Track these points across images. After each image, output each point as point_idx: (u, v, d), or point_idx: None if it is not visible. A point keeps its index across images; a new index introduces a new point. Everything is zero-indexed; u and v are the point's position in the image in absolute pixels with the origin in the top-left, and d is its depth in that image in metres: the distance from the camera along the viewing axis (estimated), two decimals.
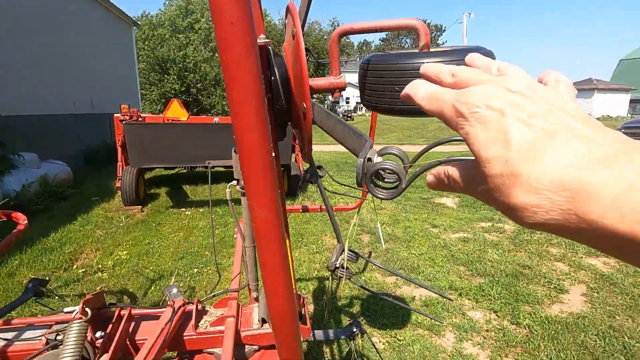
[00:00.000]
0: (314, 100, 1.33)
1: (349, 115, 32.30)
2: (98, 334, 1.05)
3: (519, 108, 0.25)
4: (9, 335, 1.06)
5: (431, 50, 1.00)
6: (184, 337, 1.17)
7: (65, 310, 1.11)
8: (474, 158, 0.27)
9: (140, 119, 5.71)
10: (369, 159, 0.69)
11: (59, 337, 1.00)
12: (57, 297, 3.07)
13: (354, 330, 1.83)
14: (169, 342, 1.09)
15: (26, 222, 1.57)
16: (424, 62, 0.94)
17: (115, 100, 10.32)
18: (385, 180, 0.73)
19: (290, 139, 5.85)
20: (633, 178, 0.20)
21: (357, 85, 1.01)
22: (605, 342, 2.38)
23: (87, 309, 0.99)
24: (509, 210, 0.25)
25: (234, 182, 1.37)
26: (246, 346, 1.25)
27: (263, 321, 1.44)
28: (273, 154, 0.54)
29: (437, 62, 0.94)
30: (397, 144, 16.10)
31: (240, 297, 1.42)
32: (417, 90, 0.31)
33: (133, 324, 1.18)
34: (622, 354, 2.29)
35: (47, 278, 2.10)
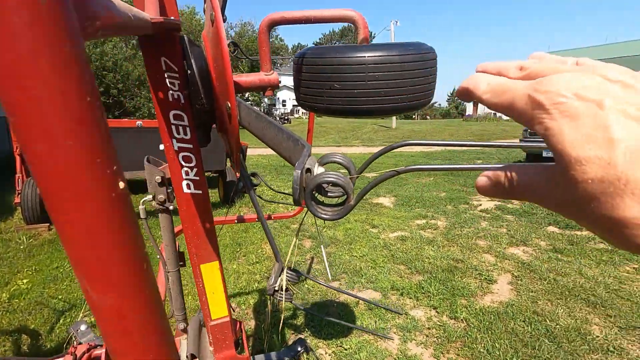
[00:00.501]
0: (240, 98, 1.16)
1: (286, 118, 31.75)
2: None
3: (623, 100, 0.21)
4: None
5: (373, 43, 0.91)
6: None
7: None
8: (551, 164, 0.23)
9: None
10: (308, 170, 0.56)
11: None
12: None
13: (299, 349, 1.70)
14: None
15: None
16: (365, 56, 0.84)
17: None
18: (330, 194, 0.61)
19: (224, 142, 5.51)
20: None
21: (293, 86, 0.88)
22: (532, 327, 2.56)
23: None
24: (612, 226, 0.20)
25: (149, 197, 1.15)
26: None
27: (192, 357, 1.23)
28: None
29: (379, 55, 0.84)
30: (334, 146, 16.35)
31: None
32: (479, 82, 0.27)
33: None
34: (546, 337, 2.48)
35: None
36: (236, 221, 2.13)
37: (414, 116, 39.83)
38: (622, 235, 0.20)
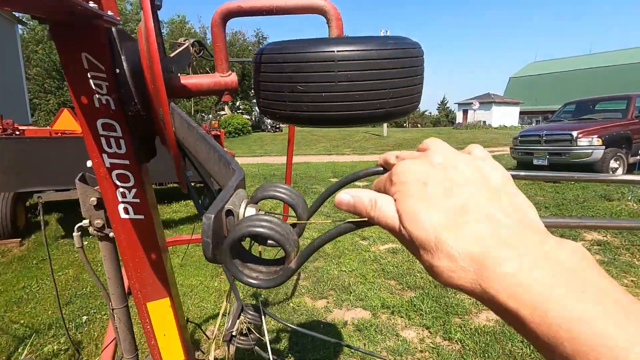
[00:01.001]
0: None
1: (277, 126, 29.58)
2: None
3: (439, 181, 0.29)
4: None
5: (345, 36, 0.75)
6: None
7: None
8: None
9: (17, 133, 4.68)
10: (230, 212, 0.38)
11: None
12: None
13: None
14: None
15: None
16: (334, 51, 0.67)
17: None
18: (269, 242, 0.43)
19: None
20: (526, 261, 0.23)
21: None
22: (530, 349, 2.40)
23: None
24: (429, 268, 0.27)
25: (85, 222, 0.96)
26: None
27: None
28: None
29: (353, 50, 0.68)
30: (325, 154, 16.20)
31: None
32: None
33: None
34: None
35: None
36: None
37: (404, 124, 40.03)
38: (435, 275, 0.27)
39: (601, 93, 11.33)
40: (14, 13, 12.35)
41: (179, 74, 0.89)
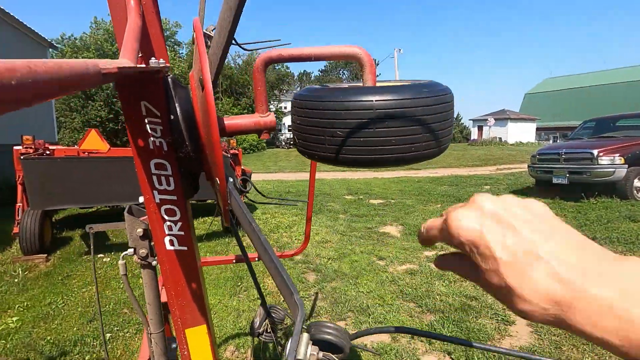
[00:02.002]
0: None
1: (292, 143, 30.88)
2: None
3: (496, 227, 0.30)
4: None
5: (378, 85, 0.80)
6: None
7: None
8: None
9: (47, 152, 4.91)
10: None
11: None
12: None
13: None
14: None
15: None
16: (372, 100, 0.73)
17: (20, 130, 9.00)
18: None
19: (227, 169, 5.45)
20: (604, 293, 0.25)
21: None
22: None
23: None
24: (514, 311, 0.29)
25: (130, 250, 1.02)
26: None
27: None
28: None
29: (389, 99, 0.73)
30: (339, 171, 16.21)
31: None
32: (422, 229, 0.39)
33: None
34: None
35: None
36: (234, 261, 1.98)
37: None
38: (521, 316, 0.29)
39: (618, 109, 11.12)
40: (44, 37, 13.07)
41: (223, 116, 0.96)
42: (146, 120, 0.79)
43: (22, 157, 4.32)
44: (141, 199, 0.86)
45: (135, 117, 0.78)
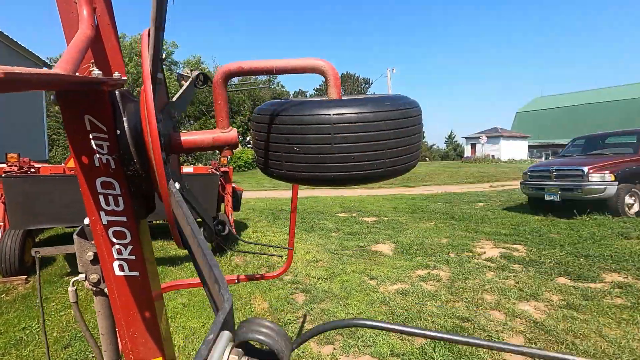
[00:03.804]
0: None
1: None
2: None
3: None
4: None
5: (343, 97, 0.75)
6: None
7: None
8: None
9: (32, 170, 4.81)
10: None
11: None
12: None
13: None
14: None
15: None
16: (329, 114, 0.68)
17: (9, 148, 8.92)
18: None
19: (215, 188, 5.37)
20: None
21: None
22: None
23: None
24: None
25: (81, 276, 0.94)
26: None
27: None
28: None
29: (349, 112, 0.68)
30: (333, 188, 16.14)
31: None
32: None
33: None
34: None
35: None
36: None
37: None
38: None
39: (607, 127, 11.31)
40: (39, 57, 13.15)
41: (180, 130, 0.90)
42: (91, 136, 0.73)
43: (3, 176, 4.22)
44: (86, 221, 0.80)
45: (78, 132, 0.72)
